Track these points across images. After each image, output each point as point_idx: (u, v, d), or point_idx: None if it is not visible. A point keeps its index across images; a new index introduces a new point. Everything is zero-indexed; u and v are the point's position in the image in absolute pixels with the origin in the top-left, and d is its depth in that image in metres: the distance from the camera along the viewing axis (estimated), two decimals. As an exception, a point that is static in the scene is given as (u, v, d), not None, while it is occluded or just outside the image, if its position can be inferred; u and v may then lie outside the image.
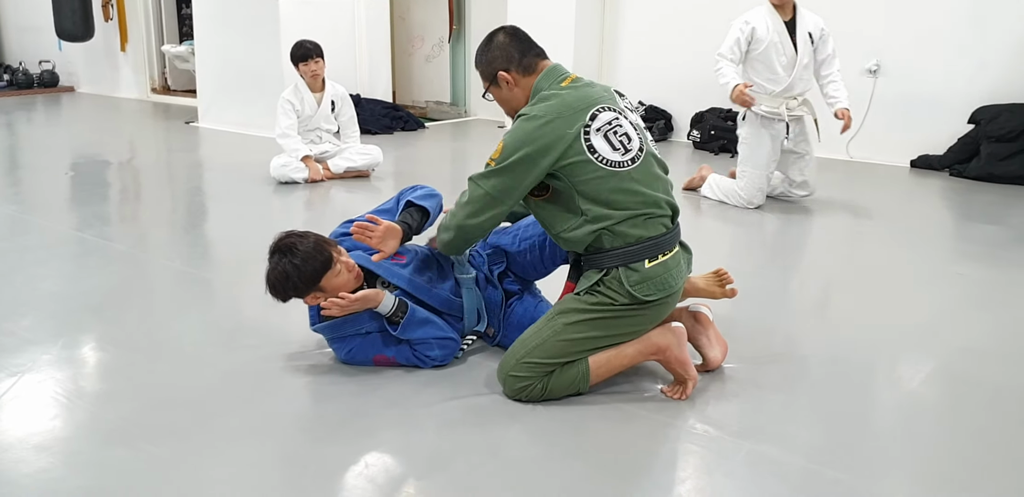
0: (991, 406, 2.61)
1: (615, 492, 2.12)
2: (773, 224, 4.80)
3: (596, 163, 2.44)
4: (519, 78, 2.61)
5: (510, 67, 2.60)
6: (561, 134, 2.43)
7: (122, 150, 7.13)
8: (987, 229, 4.62)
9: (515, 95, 2.63)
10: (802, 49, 4.79)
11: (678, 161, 6.65)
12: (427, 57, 8.99)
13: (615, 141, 2.48)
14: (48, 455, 2.27)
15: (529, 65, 2.61)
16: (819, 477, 2.19)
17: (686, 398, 2.58)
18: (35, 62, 10.78)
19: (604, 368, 2.58)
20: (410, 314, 2.69)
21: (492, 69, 2.62)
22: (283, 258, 2.63)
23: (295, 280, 2.62)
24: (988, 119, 5.80)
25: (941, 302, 3.55)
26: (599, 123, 2.46)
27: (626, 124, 2.52)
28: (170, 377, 2.77)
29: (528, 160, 2.44)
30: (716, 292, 2.94)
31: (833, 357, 2.95)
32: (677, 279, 2.55)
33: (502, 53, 2.61)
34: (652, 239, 2.50)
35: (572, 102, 2.48)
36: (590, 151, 2.44)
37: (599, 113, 2.48)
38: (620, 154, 2.47)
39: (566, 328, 2.53)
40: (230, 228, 4.74)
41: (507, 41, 2.63)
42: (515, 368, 2.55)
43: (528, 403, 2.56)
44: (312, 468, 2.22)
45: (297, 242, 2.64)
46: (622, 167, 2.47)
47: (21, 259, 3.96)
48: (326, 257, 2.64)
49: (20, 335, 3.07)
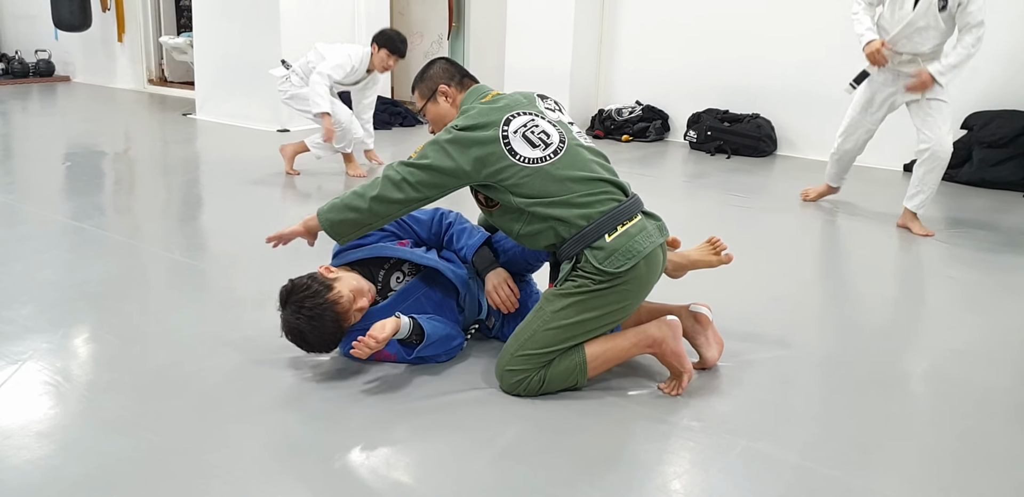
0: (980, 406, 2.66)
1: (611, 487, 2.15)
2: (766, 225, 4.84)
3: (519, 164, 2.58)
4: (455, 94, 2.83)
5: (451, 83, 2.83)
6: (479, 138, 2.59)
7: (119, 141, 7.13)
8: (978, 233, 4.66)
9: (449, 112, 2.83)
10: (921, 9, 4.41)
11: (674, 161, 6.69)
12: (426, 54, 9.00)
13: (534, 139, 2.61)
14: (50, 442, 2.29)
15: (463, 84, 2.85)
16: (813, 474, 2.23)
17: (681, 393, 2.62)
18: (31, 51, 10.75)
19: (600, 360, 2.61)
20: (427, 340, 2.69)
21: (434, 84, 2.84)
22: (295, 339, 2.71)
23: (315, 350, 2.76)
24: (980, 125, 5.85)
25: (932, 304, 3.59)
26: (514, 127, 2.61)
27: (543, 123, 2.66)
28: (169, 366, 2.79)
29: (448, 164, 2.59)
30: (712, 260, 3.01)
31: (826, 357, 2.99)
32: (643, 244, 2.58)
33: (443, 71, 2.86)
34: (604, 214, 2.57)
35: (487, 112, 2.65)
36: (511, 154, 2.58)
37: (513, 118, 2.64)
38: (540, 150, 2.60)
39: (554, 316, 2.57)
40: (228, 219, 4.76)
41: (446, 64, 2.89)
42: (510, 362, 2.59)
43: (526, 397, 2.59)
44: (312, 458, 2.25)
45: (307, 329, 2.66)
46: (545, 161, 2.59)
47: (19, 248, 3.97)
48: (339, 334, 2.72)
49: (20, 323, 3.09)
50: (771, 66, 6.81)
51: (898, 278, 3.91)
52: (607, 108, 7.58)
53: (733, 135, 6.81)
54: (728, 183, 5.84)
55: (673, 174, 6.31)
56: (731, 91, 7.06)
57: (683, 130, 7.24)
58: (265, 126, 7.59)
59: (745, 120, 6.86)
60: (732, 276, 3.11)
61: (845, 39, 6.36)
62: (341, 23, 7.80)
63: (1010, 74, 5.94)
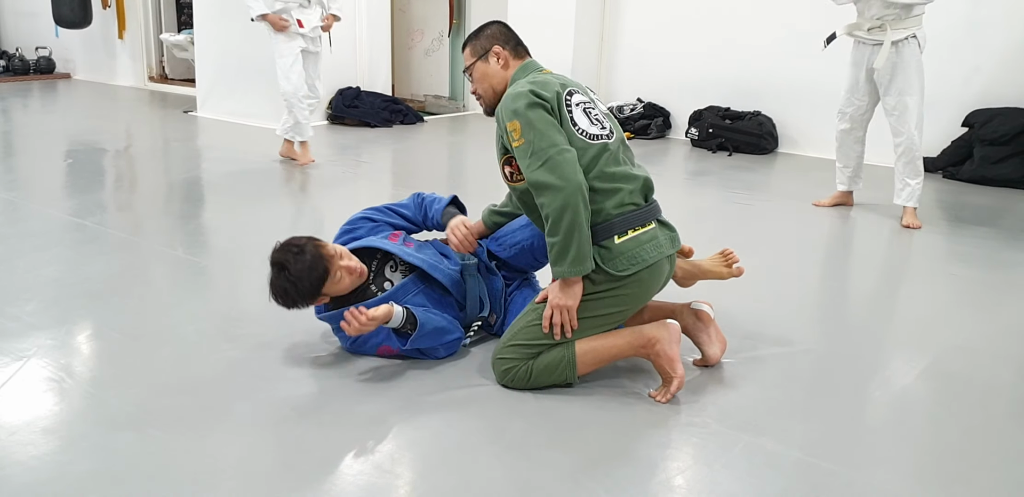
0: (982, 402, 2.66)
1: (614, 483, 2.16)
2: (767, 223, 4.84)
3: (577, 135, 2.55)
4: (508, 57, 2.76)
5: (506, 46, 2.76)
6: (550, 94, 2.56)
7: (120, 138, 7.13)
8: (979, 231, 4.67)
9: (498, 73, 2.76)
10: None
11: (676, 158, 6.69)
12: (426, 51, 9.01)
13: (591, 118, 2.61)
14: (56, 438, 2.30)
15: (518, 52, 2.79)
16: (815, 469, 2.24)
17: (670, 400, 2.57)
18: (31, 48, 10.75)
19: (590, 355, 2.60)
20: (420, 329, 2.70)
21: (489, 44, 2.76)
22: (280, 274, 2.69)
23: (294, 296, 2.70)
24: (982, 123, 5.85)
25: (934, 301, 3.60)
26: (576, 100, 2.61)
27: (600, 107, 2.68)
28: (173, 363, 2.80)
29: (543, 115, 2.51)
30: (723, 272, 3.01)
31: (829, 353, 3.00)
32: (651, 253, 2.57)
33: (500, 34, 2.78)
34: (621, 215, 2.56)
35: (550, 81, 2.63)
36: (572, 123, 2.56)
37: (574, 92, 2.63)
38: (598, 128, 2.60)
39: None
40: (230, 216, 4.76)
41: (503, 29, 2.81)
42: (500, 351, 2.63)
43: (519, 390, 2.60)
44: (316, 454, 2.26)
45: (292, 259, 2.67)
46: (599, 140, 2.59)
47: (22, 245, 3.98)
48: (322, 271, 2.68)
49: (24, 320, 3.10)
50: (773, 63, 6.81)
51: (900, 275, 3.92)
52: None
53: (735, 132, 6.81)
54: (730, 180, 5.85)
55: (675, 171, 6.31)
56: (733, 88, 7.06)
57: (685, 127, 7.25)
58: (266, 123, 7.58)
59: (747, 117, 6.86)
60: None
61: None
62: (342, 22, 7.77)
63: (1011, 72, 5.94)
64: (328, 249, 2.73)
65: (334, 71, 7.81)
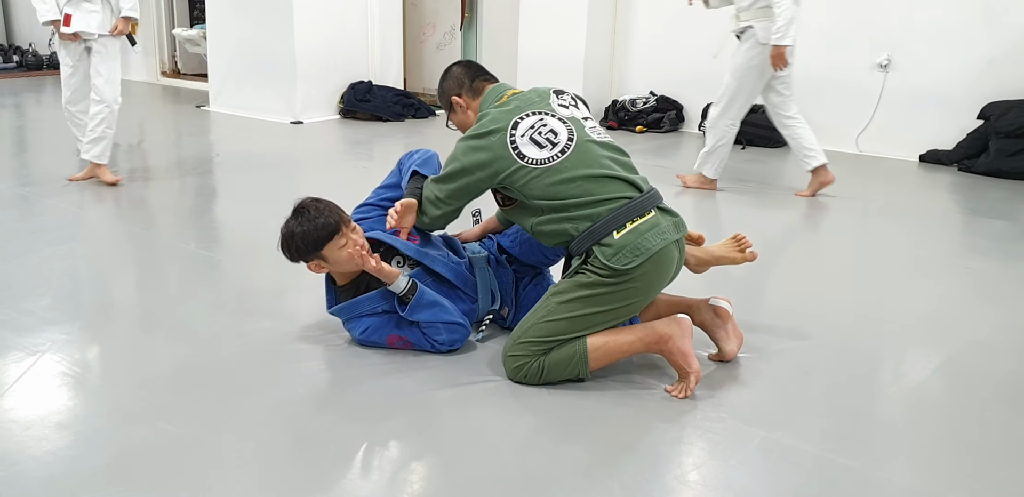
0: (999, 397, 2.64)
1: (629, 477, 2.15)
2: (781, 216, 4.82)
3: (529, 166, 2.61)
4: (469, 101, 2.87)
5: (461, 92, 2.87)
6: (489, 145, 2.65)
7: (132, 133, 7.14)
8: (995, 224, 4.63)
9: (468, 118, 2.88)
10: None
11: (689, 152, 6.66)
12: (438, 45, 9.00)
13: (541, 140, 2.65)
14: (69, 433, 2.30)
15: (477, 88, 2.87)
16: (831, 464, 2.22)
17: (689, 395, 2.57)
18: (45, 44, 10.77)
19: (602, 351, 2.59)
20: (418, 296, 2.73)
21: (447, 96, 2.90)
22: (294, 219, 2.72)
23: (298, 242, 2.71)
24: (997, 115, 5.80)
25: (950, 295, 3.57)
26: (522, 130, 2.65)
27: (552, 121, 2.68)
28: (186, 358, 2.80)
29: (465, 173, 2.69)
30: (736, 257, 2.99)
31: (844, 348, 2.98)
32: (653, 241, 2.55)
33: (454, 81, 2.89)
34: (613, 211, 2.56)
35: (497, 118, 2.68)
36: (520, 158, 2.62)
37: (521, 121, 2.67)
38: (548, 150, 2.63)
39: (559, 307, 2.58)
40: (242, 211, 4.77)
41: (460, 70, 2.91)
42: (511, 348, 2.62)
43: (531, 386, 2.60)
44: (329, 449, 2.25)
45: (311, 207, 2.72)
46: (552, 161, 2.62)
47: (35, 240, 3.99)
48: (333, 226, 2.69)
49: (38, 315, 3.10)
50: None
51: (916, 269, 3.89)
52: (621, 99, 7.55)
53: (748, 125, 6.74)
54: (743, 174, 5.82)
55: (688, 165, 6.27)
56: (746, 81, 7.00)
57: (697, 121, 7.22)
58: (279, 118, 7.61)
59: (760, 110, 6.80)
60: (748, 267, 3.09)
61: (861, 29, 6.35)
62: (354, 14, 7.80)
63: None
64: (345, 215, 2.78)
65: (346, 65, 7.83)
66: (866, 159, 6.40)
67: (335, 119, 7.73)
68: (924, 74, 6.22)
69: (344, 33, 7.76)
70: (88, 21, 4.87)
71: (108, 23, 4.96)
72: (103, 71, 5.01)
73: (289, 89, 7.55)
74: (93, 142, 5.07)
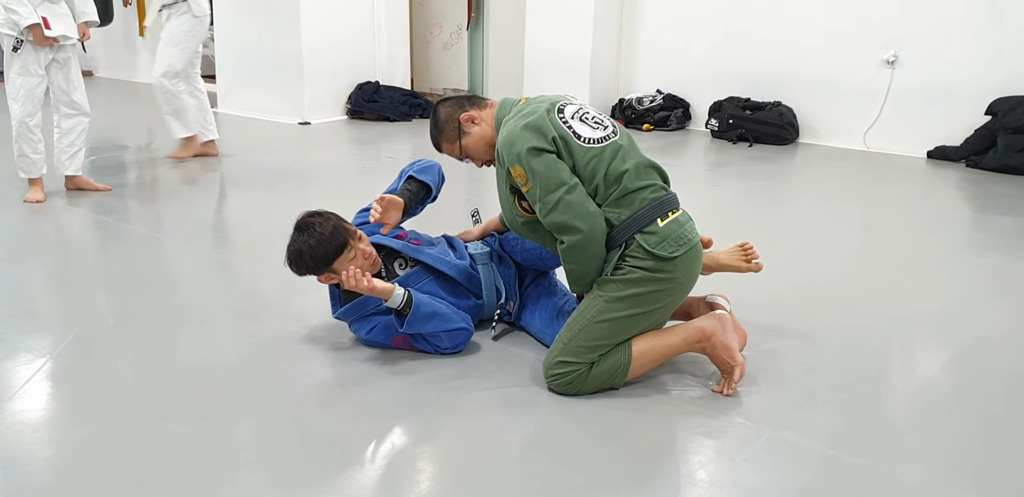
0: (1007, 394, 2.63)
1: (638, 477, 2.15)
2: (788, 214, 4.81)
3: (585, 147, 2.54)
4: (479, 113, 2.73)
5: (466, 108, 2.74)
6: (544, 124, 2.53)
7: (141, 135, 7.17)
8: (1003, 220, 4.62)
9: (484, 130, 2.72)
10: None
11: (696, 150, 6.66)
12: (445, 45, 9.00)
13: (590, 122, 2.60)
14: (79, 435, 2.32)
15: (478, 103, 2.76)
16: (838, 462, 2.22)
17: (734, 391, 2.56)
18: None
19: (648, 357, 2.56)
20: (415, 309, 2.67)
21: (454, 121, 2.73)
22: (301, 236, 2.72)
23: (308, 260, 2.71)
24: (1005, 111, 5.77)
25: (958, 291, 3.56)
26: (568, 113, 2.59)
27: (592, 111, 2.66)
28: (194, 358, 2.81)
29: (544, 157, 2.50)
30: (741, 266, 2.96)
31: (850, 345, 2.97)
32: (692, 233, 2.56)
33: (451, 108, 2.76)
34: (656, 200, 2.54)
35: (535, 107, 2.60)
36: (576, 137, 2.54)
37: (564, 106, 2.61)
38: (601, 130, 2.59)
39: (608, 306, 2.50)
40: (251, 212, 4.78)
41: (447, 102, 2.79)
42: (563, 353, 2.52)
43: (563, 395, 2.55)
44: (338, 448, 2.26)
45: (317, 223, 2.72)
46: (608, 140, 2.57)
47: (44, 242, 4.01)
48: (341, 242, 2.70)
49: (46, 317, 3.12)
50: (793, 53, 6.76)
51: (924, 265, 3.88)
52: (628, 97, 7.55)
53: (755, 123, 6.77)
54: (750, 171, 5.81)
55: (695, 163, 6.28)
56: (753, 79, 7.01)
57: (704, 118, 7.21)
58: (286, 118, 7.62)
59: (767, 108, 6.82)
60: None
61: (868, 25, 6.33)
62: (361, 15, 7.81)
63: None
64: (351, 227, 2.78)
65: (353, 66, 7.85)
66: (874, 156, 6.38)
67: (343, 120, 7.74)
68: (931, 70, 6.19)
69: (351, 34, 7.77)
70: (66, 25, 4.65)
71: (75, 28, 4.77)
72: (76, 80, 4.88)
73: (297, 90, 7.56)
74: (74, 156, 4.98)
